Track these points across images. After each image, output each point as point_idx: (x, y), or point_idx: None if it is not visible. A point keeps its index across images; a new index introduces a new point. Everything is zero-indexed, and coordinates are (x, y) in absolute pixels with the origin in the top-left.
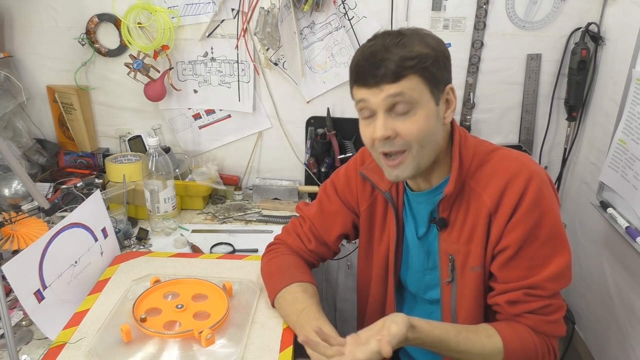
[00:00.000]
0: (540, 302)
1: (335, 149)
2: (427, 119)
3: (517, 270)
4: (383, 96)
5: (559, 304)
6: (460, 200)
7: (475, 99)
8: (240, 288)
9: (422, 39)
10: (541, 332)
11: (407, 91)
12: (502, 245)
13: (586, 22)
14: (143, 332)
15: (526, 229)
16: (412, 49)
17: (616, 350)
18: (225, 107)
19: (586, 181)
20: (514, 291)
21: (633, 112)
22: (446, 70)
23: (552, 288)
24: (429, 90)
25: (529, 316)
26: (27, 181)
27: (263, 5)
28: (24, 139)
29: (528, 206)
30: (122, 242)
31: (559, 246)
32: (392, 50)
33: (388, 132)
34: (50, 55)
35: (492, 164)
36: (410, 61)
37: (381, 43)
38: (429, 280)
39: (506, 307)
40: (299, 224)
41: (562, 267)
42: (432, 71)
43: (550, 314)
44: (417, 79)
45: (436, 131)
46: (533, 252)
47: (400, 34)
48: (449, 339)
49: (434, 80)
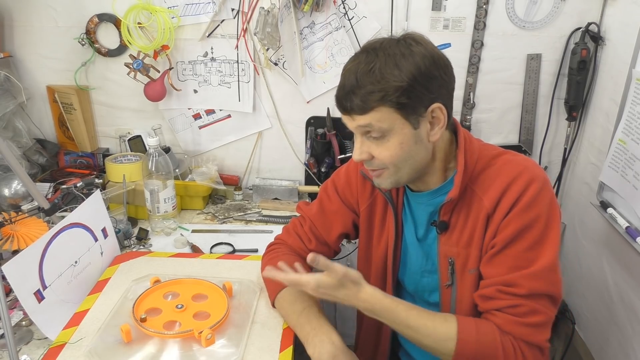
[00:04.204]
0: (512, 300)
1: (335, 149)
2: (401, 145)
3: (499, 267)
4: (355, 125)
5: (536, 307)
6: (461, 204)
7: (475, 99)
8: (240, 288)
9: (397, 64)
10: (508, 332)
11: (375, 122)
12: (493, 242)
13: (586, 22)
14: (143, 332)
15: (517, 228)
16: (382, 78)
17: (616, 350)
18: (225, 107)
19: (586, 181)
20: (489, 287)
21: (633, 112)
22: (429, 92)
23: (529, 287)
24: (403, 117)
25: (497, 313)
26: (27, 181)
27: (263, 5)
28: (24, 139)
29: (523, 206)
30: (122, 242)
31: (546, 251)
32: (360, 82)
33: (363, 155)
34: (50, 55)
35: (495, 169)
36: (376, 94)
37: (354, 70)
38: (428, 282)
39: (479, 302)
40: (299, 223)
41: (543, 267)
42: (403, 102)
43: (523, 315)
44: (386, 110)
45: (414, 153)
46: (519, 252)
47: (376, 55)
48: (398, 311)
49: (407, 108)
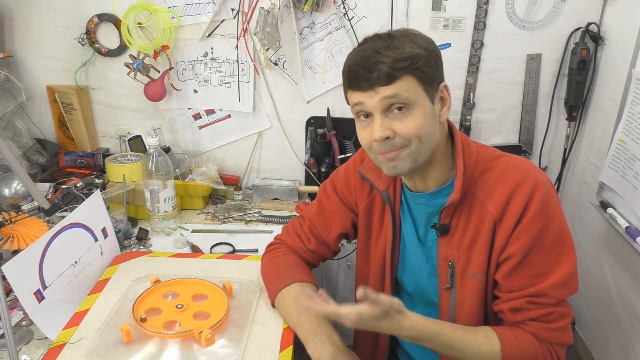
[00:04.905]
0: (544, 309)
1: (335, 149)
2: (424, 117)
3: (522, 279)
4: (378, 98)
5: (564, 312)
6: (462, 207)
7: (475, 99)
8: (240, 288)
9: (412, 40)
10: (543, 339)
11: (402, 92)
12: (507, 253)
13: (586, 22)
14: (143, 332)
15: (531, 237)
16: (404, 50)
17: (616, 350)
18: (225, 107)
19: (586, 181)
20: (517, 299)
21: (633, 112)
22: (438, 69)
23: (557, 296)
24: (424, 89)
25: (531, 323)
26: (27, 181)
27: (263, 5)
28: (24, 139)
29: (533, 214)
30: (122, 242)
31: (563, 253)
32: (384, 53)
33: (387, 132)
34: (50, 55)
35: (496, 172)
36: (402, 62)
37: (372, 47)
38: (427, 283)
39: (509, 314)
40: (298, 223)
41: (567, 275)
42: (425, 70)
43: (554, 321)
44: (411, 79)
45: (433, 129)
46: (538, 260)
47: (390, 36)
48: (444, 335)
49: (427, 80)
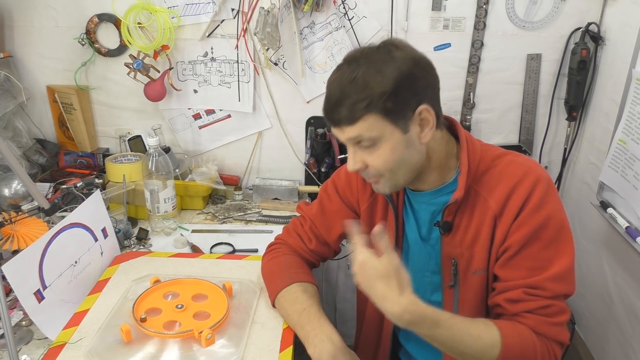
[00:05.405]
0: (541, 301)
1: (335, 149)
2: (393, 150)
3: (518, 270)
4: (345, 137)
5: (562, 307)
6: (465, 204)
7: (475, 99)
8: (240, 288)
9: (379, 70)
10: (541, 333)
11: (364, 132)
12: (505, 245)
13: (586, 22)
14: (143, 332)
15: (530, 229)
16: (365, 88)
17: (616, 350)
18: (225, 107)
19: (586, 181)
20: (514, 289)
21: (633, 112)
22: (414, 94)
23: (554, 289)
24: (391, 122)
25: (529, 316)
26: (27, 181)
27: (263, 5)
28: (24, 139)
29: (533, 207)
30: (122, 242)
31: (562, 248)
32: (346, 92)
33: (357, 165)
34: (50, 55)
35: (498, 170)
36: (361, 103)
37: (338, 81)
38: (430, 282)
39: (506, 305)
40: (299, 223)
41: (565, 269)
42: (389, 107)
43: (552, 315)
44: (373, 117)
45: (407, 157)
46: (535, 253)
47: (357, 65)
48: (442, 320)
49: (394, 113)
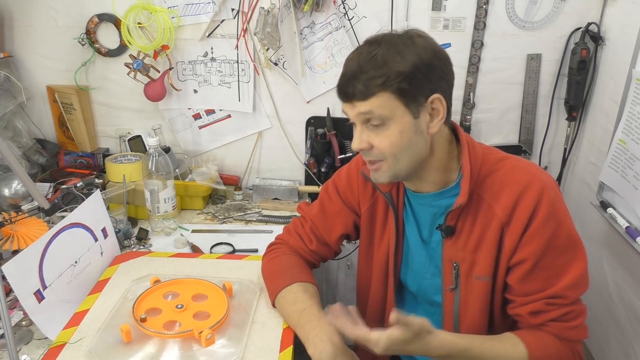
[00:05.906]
0: (562, 309)
1: (335, 149)
2: (401, 134)
3: (536, 282)
4: (356, 112)
5: (580, 309)
6: (468, 209)
7: (475, 99)
8: (240, 288)
9: (399, 52)
10: (564, 339)
11: (376, 109)
12: (519, 257)
13: (586, 22)
14: (143, 332)
15: (544, 241)
16: (383, 65)
17: (616, 350)
18: (225, 107)
19: (586, 181)
20: (535, 302)
21: (633, 112)
22: (429, 82)
23: (572, 296)
24: (404, 104)
25: (552, 324)
26: (27, 181)
27: (263, 5)
28: (24, 139)
29: (543, 218)
30: (122, 242)
31: (575, 254)
32: (363, 68)
33: (362, 144)
34: (50, 55)
35: (501, 174)
36: (377, 80)
37: (357, 58)
38: (431, 284)
39: (529, 317)
40: (300, 224)
41: (580, 274)
42: (404, 87)
43: (572, 319)
44: (387, 96)
45: (413, 144)
46: (551, 263)
47: (378, 45)
48: (473, 348)
49: (408, 95)
